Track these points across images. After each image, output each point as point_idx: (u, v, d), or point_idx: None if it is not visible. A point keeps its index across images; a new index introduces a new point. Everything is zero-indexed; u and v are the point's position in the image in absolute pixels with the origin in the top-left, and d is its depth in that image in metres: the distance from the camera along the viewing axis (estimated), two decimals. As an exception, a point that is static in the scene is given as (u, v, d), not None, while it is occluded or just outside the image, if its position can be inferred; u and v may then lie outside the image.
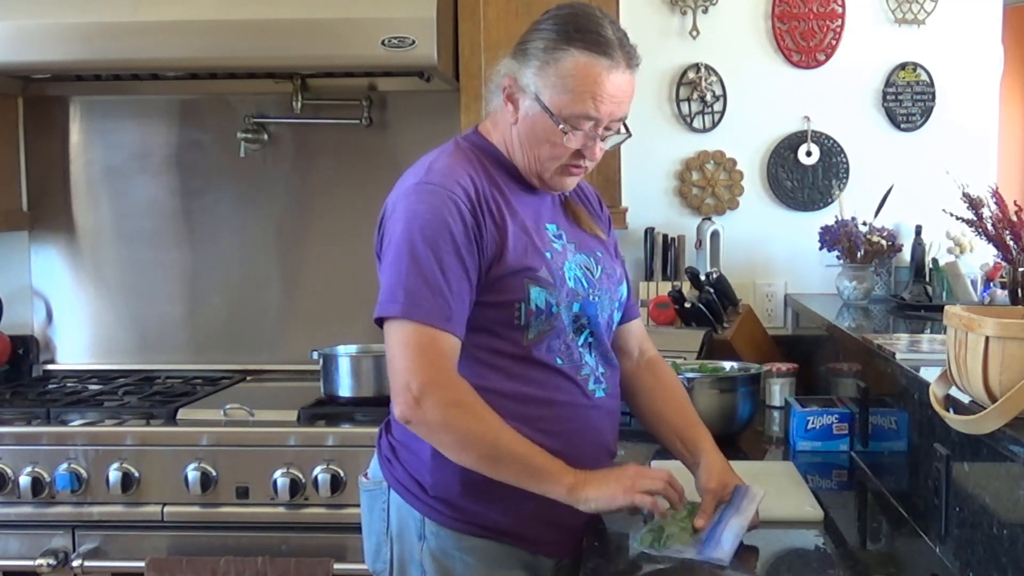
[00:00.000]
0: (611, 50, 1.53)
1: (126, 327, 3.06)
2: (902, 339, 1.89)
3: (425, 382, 1.47)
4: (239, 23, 2.48)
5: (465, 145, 1.65)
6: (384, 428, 1.72)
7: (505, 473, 1.50)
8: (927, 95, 2.90)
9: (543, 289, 1.56)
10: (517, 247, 1.56)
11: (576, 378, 1.62)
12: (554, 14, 1.58)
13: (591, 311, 1.63)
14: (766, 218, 2.97)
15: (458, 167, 1.58)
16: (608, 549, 1.53)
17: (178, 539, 2.40)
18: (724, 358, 2.40)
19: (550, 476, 1.49)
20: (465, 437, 1.50)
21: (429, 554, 1.59)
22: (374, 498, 1.69)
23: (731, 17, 2.93)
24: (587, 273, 1.64)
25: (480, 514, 1.57)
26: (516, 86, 1.58)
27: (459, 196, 1.52)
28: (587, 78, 1.53)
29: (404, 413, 1.49)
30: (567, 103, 1.54)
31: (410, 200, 1.55)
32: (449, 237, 1.50)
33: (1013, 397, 1.15)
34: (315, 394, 2.60)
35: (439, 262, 1.49)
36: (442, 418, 1.49)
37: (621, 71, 1.55)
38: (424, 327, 1.48)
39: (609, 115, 1.56)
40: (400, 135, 2.98)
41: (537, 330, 1.57)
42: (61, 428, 2.45)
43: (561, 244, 1.64)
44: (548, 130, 1.56)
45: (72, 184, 3.05)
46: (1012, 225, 2.05)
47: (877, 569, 1.49)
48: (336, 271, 3.01)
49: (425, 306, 1.48)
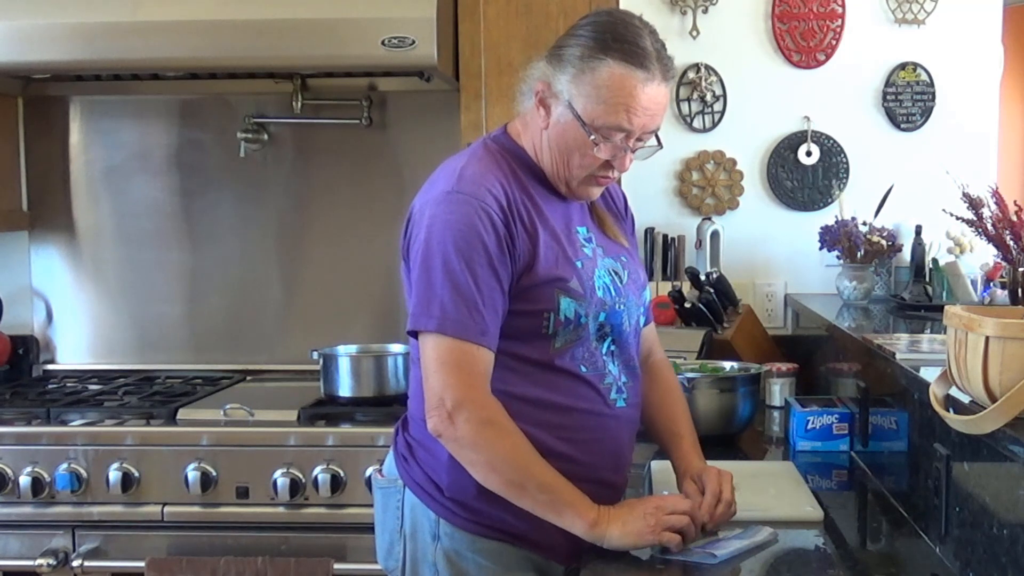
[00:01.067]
0: (648, 62, 1.51)
1: (126, 327, 3.06)
2: (902, 339, 1.89)
3: (459, 399, 1.47)
4: (239, 23, 2.48)
5: (494, 148, 1.63)
6: (401, 425, 1.71)
7: (528, 502, 1.50)
8: (927, 95, 2.90)
9: (573, 300, 1.55)
10: (548, 256, 1.55)
11: (599, 387, 1.61)
12: (593, 20, 1.56)
13: (616, 320, 1.62)
14: (766, 218, 2.97)
15: (489, 174, 1.55)
16: (608, 550, 1.53)
17: (178, 539, 2.41)
18: (724, 358, 2.40)
19: (573, 510, 1.49)
20: (493, 459, 1.50)
21: (443, 554, 1.58)
22: (389, 496, 1.68)
23: (731, 17, 2.93)
24: (615, 279, 1.63)
25: (495, 517, 1.56)
26: (549, 91, 1.56)
27: (491, 206, 1.50)
28: (622, 90, 1.50)
29: (436, 427, 1.49)
30: (600, 114, 1.52)
31: (441, 209, 1.52)
32: (482, 248, 1.48)
33: (1013, 397, 1.15)
34: (315, 394, 2.60)
35: (473, 275, 1.48)
36: (473, 437, 1.48)
37: (656, 84, 1.53)
38: (459, 342, 1.48)
39: (642, 127, 1.54)
40: (400, 135, 2.98)
41: (564, 339, 1.56)
42: (61, 428, 2.45)
43: (591, 248, 1.63)
44: (578, 139, 1.54)
45: (72, 184, 3.05)
46: (1012, 225, 2.05)
47: (877, 569, 1.49)
48: (336, 271, 3.01)
49: (461, 321, 1.47)
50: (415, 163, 2.95)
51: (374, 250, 2.98)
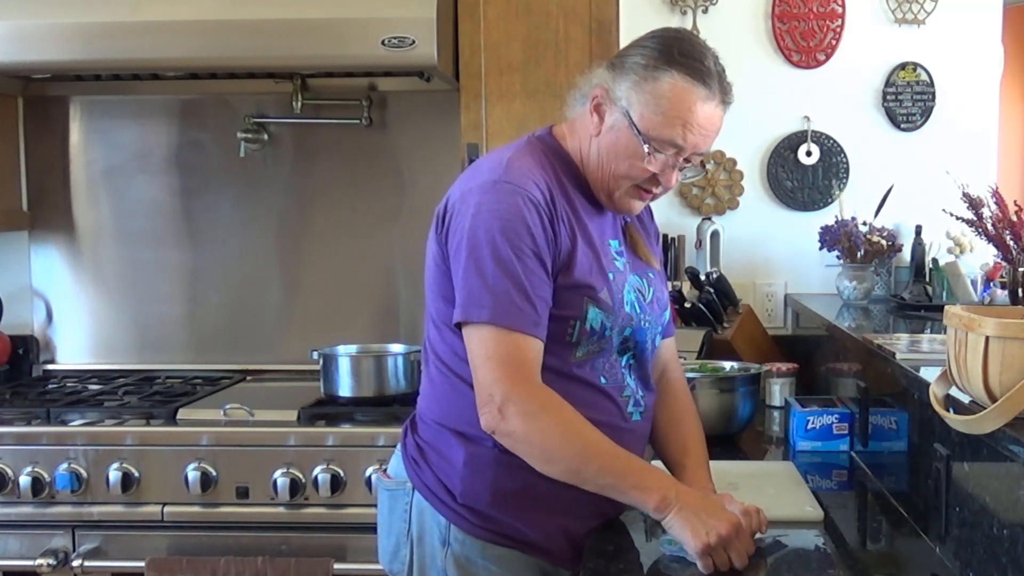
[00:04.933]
0: (710, 80, 1.51)
1: (126, 327, 3.07)
2: (902, 339, 1.89)
3: (508, 392, 1.45)
4: (239, 23, 2.48)
5: (539, 146, 1.61)
6: (409, 427, 1.68)
7: (591, 487, 1.48)
8: (927, 95, 2.90)
9: (601, 311, 1.54)
10: (583, 262, 1.54)
11: (618, 399, 1.60)
12: (660, 34, 1.56)
13: (640, 337, 1.61)
14: (766, 218, 2.97)
15: (536, 169, 1.54)
16: (608, 549, 1.53)
17: (178, 539, 2.40)
18: (724, 358, 2.40)
19: (638, 494, 1.45)
20: (547, 450, 1.48)
21: (453, 560, 1.57)
22: (396, 498, 1.66)
23: (731, 17, 2.93)
24: (639, 297, 1.63)
25: (508, 525, 1.55)
26: (607, 97, 1.55)
27: (537, 198, 1.49)
28: (682, 103, 1.50)
29: (489, 424, 1.48)
30: (656, 125, 1.51)
31: (488, 198, 1.49)
32: (530, 239, 1.47)
33: (1013, 397, 1.15)
34: (315, 394, 2.60)
35: (523, 264, 1.46)
36: (525, 430, 1.46)
37: (715, 104, 1.53)
38: (510, 333, 1.46)
39: (694, 146, 1.54)
40: (400, 135, 2.98)
41: (586, 350, 1.55)
42: (61, 428, 2.45)
43: (622, 263, 1.63)
44: (631, 147, 1.53)
45: (72, 184, 3.05)
46: (1012, 225, 2.05)
47: (877, 569, 1.49)
48: (336, 271, 3.01)
49: (513, 311, 1.45)
50: (415, 163, 2.95)
51: (374, 250, 2.98)
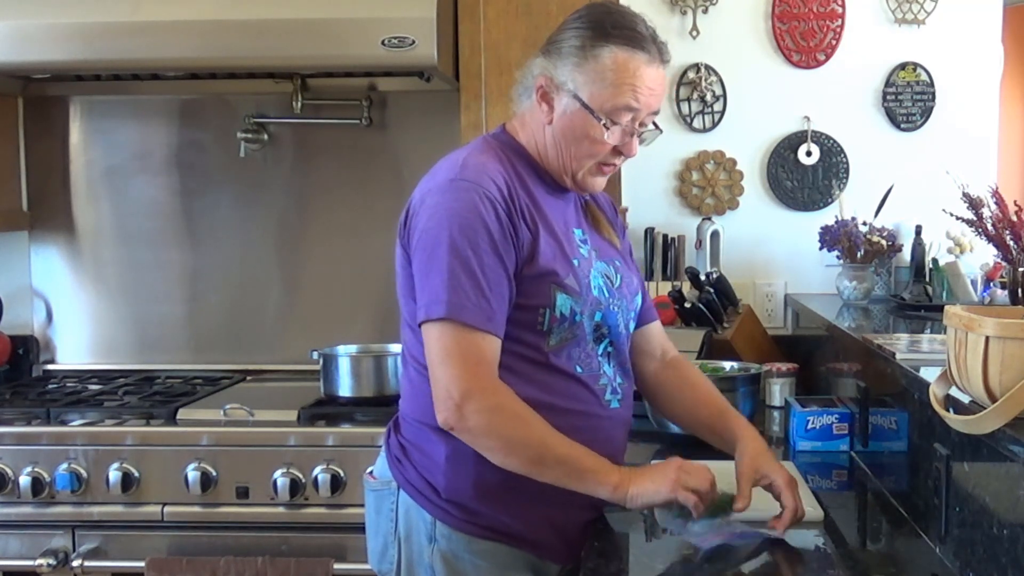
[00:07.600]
0: (648, 45, 1.56)
1: (126, 327, 3.07)
2: (902, 339, 1.89)
3: (466, 389, 1.47)
4: (239, 23, 2.48)
5: (495, 143, 1.64)
6: (392, 427, 1.70)
7: (550, 476, 1.50)
8: (927, 95, 2.90)
9: (569, 296, 1.55)
10: (547, 251, 1.56)
11: (594, 388, 1.62)
12: (586, 13, 1.60)
13: (612, 320, 1.63)
14: (766, 218, 2.97)
15: (491, 165, 1.56)
16: (607, 549, 1.53)
17: (178, 539, 2.40)
18: (724, 358, 2.40)
19: (595, 476, 1.50)
20: (509, 442, 1.50)
21: (440, 556, 1.58)
22: (382, 498, 1.68)
23: (731, 17, 2.93)
24: (608, 282, 1.65)
25: (492, 518, 1.57)
26: (552, 84, 1.58)
27: (494, 194, 1.51)
28: (627, 71, 1.54)
29: (447, 420, 1.49)
30: (608, 96, 1.55)
31: (445, 197, 1.52)
32: (487, 235, 1.49)
33: (1013, 397, 1.15)
34: (315, 394, 2.60)
35: (479, 260, 1.48)
36: (485, 425, 1.49)
37: (656, 65, 1.58)
38: (465, 330, 1.47)
39: (648, 107, 1.58)
40: (400, 135, 2.98)
41: (559, 337, 1.57)
42: (61, 428, 2.45)
43: (587, 250, 1.64)
44: (588, 126, 1.57)
45: (72, 184, 3.05)
46: (1012, 225, 2.05)
47: (877, 569, 1.49)
48: (336, 271, 3.01)
49: (470, 308, 1.47)
50: (415, 163, 2.95)
51: (374, 250, 2.98)
